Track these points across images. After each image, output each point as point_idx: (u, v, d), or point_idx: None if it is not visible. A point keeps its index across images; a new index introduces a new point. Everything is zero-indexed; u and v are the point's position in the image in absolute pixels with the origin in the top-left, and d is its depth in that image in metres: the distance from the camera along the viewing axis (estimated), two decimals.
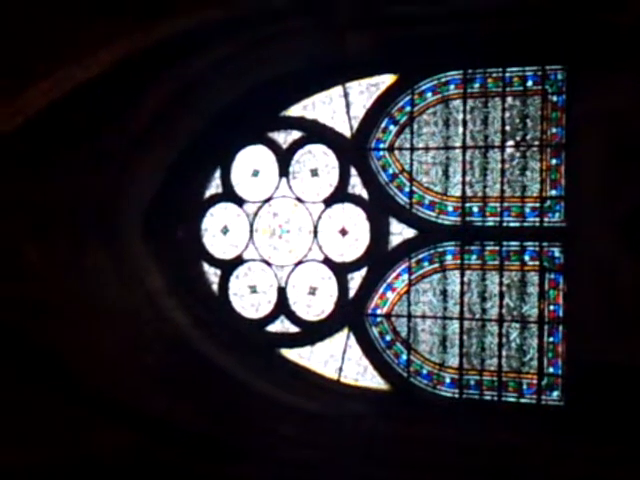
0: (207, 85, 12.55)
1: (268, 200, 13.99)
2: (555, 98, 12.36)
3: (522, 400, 12.69)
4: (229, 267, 14.36)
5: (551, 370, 12.47)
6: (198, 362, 13.55)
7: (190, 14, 10.03)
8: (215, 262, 14.41)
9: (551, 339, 12.45)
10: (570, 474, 11.17)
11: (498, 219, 12.66)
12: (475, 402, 12.91)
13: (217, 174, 14.28)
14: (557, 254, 12.41)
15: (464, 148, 12.78)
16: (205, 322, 14.08)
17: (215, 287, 14.47)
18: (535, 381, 12.61)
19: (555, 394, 12.47)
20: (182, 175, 13.82)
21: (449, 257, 12.97)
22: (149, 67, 11.28)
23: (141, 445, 12.36)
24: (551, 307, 12.42)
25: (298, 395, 13.38)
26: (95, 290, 12.93)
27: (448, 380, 13.02)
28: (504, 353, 12.73)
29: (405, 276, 13.20)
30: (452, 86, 12.88)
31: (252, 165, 14.10)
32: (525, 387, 12.64)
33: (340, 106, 13.48)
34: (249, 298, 14.24)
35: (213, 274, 14.43)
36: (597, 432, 11.64)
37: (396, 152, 13.19)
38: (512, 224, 12.64)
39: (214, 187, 14.36)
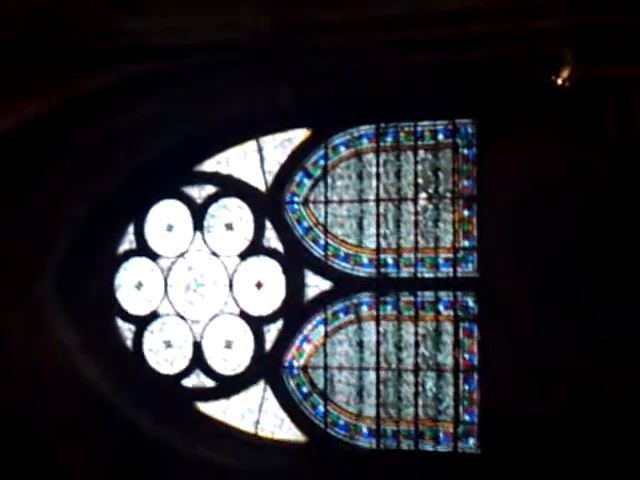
0: (127, 142, 12.57)
1: (182, 254, 14.11)
2: (466, 151, 12.77)
3: (439, 448, 12.78)
4: (143, 322, 14.39)
5: (467, 418, 12.68)
6: (114, 419, 13.47)
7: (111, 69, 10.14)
8: (129, 318, 14.47)
9: (466, 387, 12.67)
10: None
11: (412, 270, 12.94)
12: (393, 452, 12.94)
13: (131, 229, 14.25)
14: (471, 304, 12.74)
15: (378, 201, 13.07)
16: (120, 378, 13.96)
17: (129, 343, 14.37)
18: (451, 429, 12.73)
19: (471, 442, 12.68)
20: (95, 230, 13.78)
21: (364, 308, 13.23)
22: (69, 122, 11.34)
23: None
24: (466, 356, 12.72)
25: (215, 450, 13.31)
26: (9, 349, 12.80)
27: (365, 430, 13.20)
28: (420, 402, 12.95)
29: (321, 327, 13.43)
30: (365, 140, 13.20)
31: (166, 220, 14.23)
32: (442, 435, 12.80)
33: (254, 160, 13.71)
34: (164, 353, 14.33)
35: (127, 329, 14.38)
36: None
37: (310, 205, 13.45)
38: (426, 275, 12.90)
39: (128, 242, 14.37)
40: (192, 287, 14.11)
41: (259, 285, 13.75)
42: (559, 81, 10.72)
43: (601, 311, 11.91)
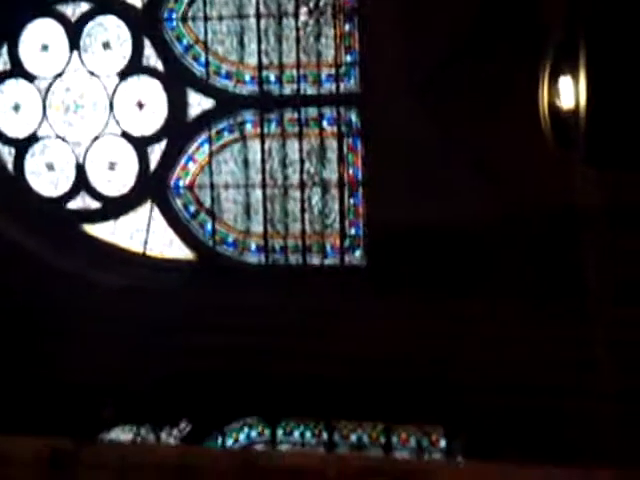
0: None
1: (60, 75, 13.84)
2: None
3: (326, 262, 13.06)
4: (23, 145, 14.16)
5: (353, 232, 12.93)
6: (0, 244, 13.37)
7: None
8: (8, 141, 14.29)
9: (352, 201, 12.88)
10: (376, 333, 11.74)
11: (295, 87, 12.94)
12: (281, 267, 13.22)
13: (4, 50, 13.91)
14: (354, 119, 12.79)
15: (258, 17, 12.92)
16: (3, 203, 13.81)
17: (10, 166, 14.18)
18: (338, 242, 13.00)
19: (357, 254, 12.98)
20: None
21: (249, 126, 13.32)
22: None
23: None
24: (350, 171, 12.84)
25: (105, 271, 13.41)
26: None
27: (254, 247, 13.38)
28: (307, 217, 13.10)
29: (206, 147, 13.47)
30: None
31: (41, 39, 13.84)
32: (329, 249, 13.07)
33: None
34: (47, 176, 14.16)
35: (7, 153, 14.19)
36: (398, 290, 12.18)
37: (190, 22, 13.21)
38: (309, 91, 12.91)
39: (1, 63, 14.00)
40: (72, 109, 13.90)
41: (140, 105, 13.66)
42: None
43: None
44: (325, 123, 13.03)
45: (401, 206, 12.52)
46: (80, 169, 14.04)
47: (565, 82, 9.95)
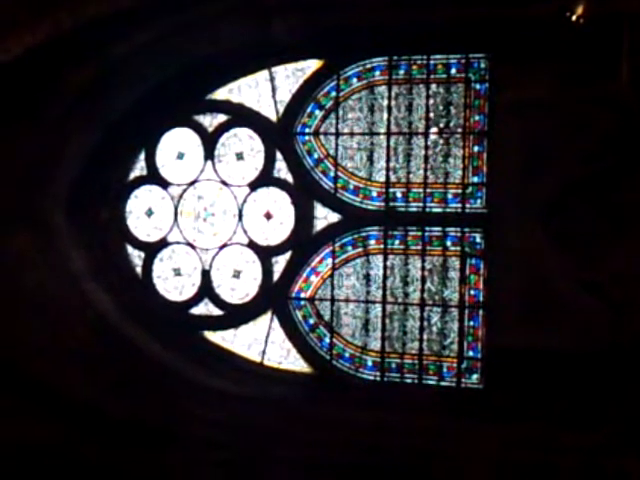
0: (132, 68, 12.80)
1: (193, 183, 14.37)
2: (478, 86, 12.90)
3: (442, 383, 13.05)
4: (153, 250, 14.69)
5: (471, 354, 12.89)
6: (122, 345, 13.81)
7: None
8: (139, 245, 14.79)
9: (471, 323, 12.89)
10: (486, 455, 11.54)
11: (421, 205, 13.17)
12: (396, 385, 13.18)
13: (142, 156, 14.58)
14: (478, 240, 12.94)
15: (388, 134, 13.28)
16: (129, 305, 14.26)
17: (139, 270, 14.73)
18: (455, 364, 12.96)
19: (474, 377, 12.93)
20: (107, 157, 14.11)
21: (372, 241, 13.45)
22: (71, 51, 11.48)
23: (68, 435, 12.59)
24: (471, 292, 12.97)
25: (222, 378, 13.57)
26: (19, 275, 13.05)
27: (370, 363, 13.47)
28: (425, 337, 13.21)
29: (329, 260, 13.65)
30: (377, 72, 13.36)
31: (177, 148, 14.51)
32: (445, 370, 13.03)
33: (266, 90, 13.93)
34: (173, 281, 14.61)
35: (137, 257, 14.74)
36: (514, 414, 12.00)
37: (321, 137, 13.65)
38: (434, 210, 13.08)
39: (139, 169, 14.71)
40: (202, 216, 14.36)
41: (268, 216, 13.96)
42: (573, 17, 10.69)
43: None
44: (449, 242, 13.06)
45: (521, 331, 12.42)
46: (206, 275, 14.33)
47: None
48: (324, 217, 13.81)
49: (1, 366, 12.98)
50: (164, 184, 14.60)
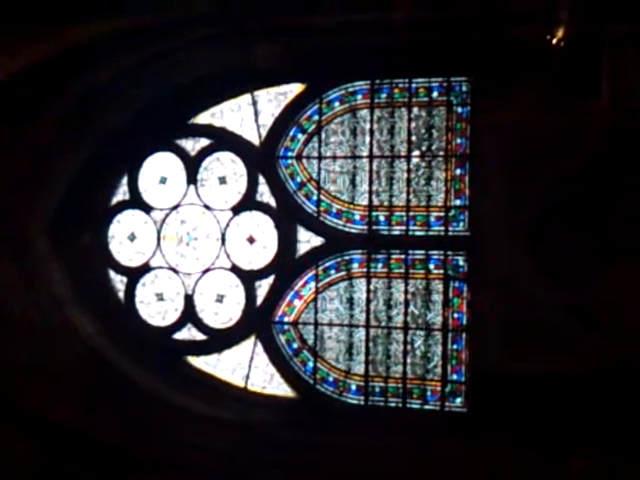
0: (114, 93, 12.79)
1: (176, 207, 14.38)
2: (460, 109, 12.87)
3: (426, 407, 13.03)
4: (135, 274, 14.67)
5: (454, 377, 12.89)
6: (105, 371, 13.73)
7: (101, 21, 10.25)
8: (121, 269, 14.77)
9: (454, 347, 12.88)
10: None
11: (404, 228, 13.13)
12: (380, 409, 13.15)
13: (124, 181, 14.57)
14: (461, 262, 12.96)
15: (371, 157, 13.27)
16: (111, 330, 14.19)
17: (121, 295, 14.65)
18: (439, 388, 12.94)
19: (458, 400, 12.92)
20: (89, 182, 14.08)
21: (355, 265, 13.45)
22: (53, 76, 11.49)
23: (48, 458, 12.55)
24: (455, 315, 12.94)
25: (205, 403, 13.53)
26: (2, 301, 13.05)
27: (354, 387, 13.44)
28: (409, 360, 13.29)
29: (312, 284, 13.67)
30: (359, 96, 13.40)
31: (160, 172, 14.51)
32: (429, 394, 13.03)
33: (249, 114, 13.95)
34: (156, 306, 14.61)
35: (119, 282, 14.67)
36: (498, 437, 11.97)
37: (304, 160, 13.67)
38: (417, 233, 13.07)
39: (121, 194, 14.68)
40: (185, 240, 14.33)
41: (251, 240, 13.97)
42: (554, 40, 10.74)
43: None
44: (431, 265, 13.07)
45: (505, 354, 12.42)
46: (189, 300, 14.31)
47: None
48: (307, 241, 13.80)
49: None
50: (147, 208, 14.58)
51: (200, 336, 14.45)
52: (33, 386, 13.23)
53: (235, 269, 14.22)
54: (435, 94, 13.18)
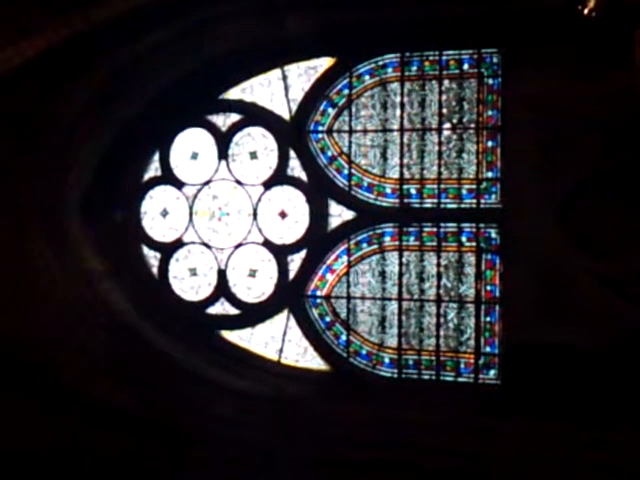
0: (143, 69, 12.91)
1: (207, 183, 14.41)
2: (491, 81, 12.83)
3: (460, 379, 13.09)
4: (169, 250, 14.75)
5: (488, 349, 12.89)
6: (138, 345, 13.86)
7: None
8: (155, 245, 14.87)
9: (488, 319, 12.88)
10: (505, 452, 11.53)
11: (436, 201, 13.12)
12: (414, 381, 13.19)
13: (156, 157, 14.71)
14: (493, 235, 12.93)
15: (402, 131, 13.28)
16: (145, 305, 14.27)
17: (155, 270, 14.80)
18: (472, 360, 12.96)
19: (492, 373, 12.94)
20: (121, 158, 14.17)
21: (387, 238, 13.45)
22: (83, 54, 11.52)
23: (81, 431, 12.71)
24: (488, 287, 12.97)
25: (239, 377, 13.61)
26: (35, 275, 13.10)
27: (387, 360, 13.52)
28: (442, 333, 13.23)
29: (344, 258, 13.69)
30: (390, 69, 13.38)
31: (191, 148, 14.58)
32: (463, 366, 13.07)
33: (279, 89, 13.99)
34: (189, 281, 14.66)
35: (153, 257, 14.81)
36: (531, 409, 11.99)
37: (334, 135, 13.67)
38: (449, 206, 13.06)
39: (153, 170, 14.80)
40: (217, 215, 14.38)
41: (283, 214, 14.00)
42: (585, 10, 10.65)
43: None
44: (464, 238, 13.06)
45: (538, 326, 12.40)
46: (221, 275, 14.36)
47: None
48: (339, 215, 13.83)
49: (19, 366, 13.00)
50: (179, 184, 14.66)
51: (233, 310, 14.55)
52: (64, 360, 13.30)
53: (267, 244, 14.29)
54: (466, 66, 13.16)
